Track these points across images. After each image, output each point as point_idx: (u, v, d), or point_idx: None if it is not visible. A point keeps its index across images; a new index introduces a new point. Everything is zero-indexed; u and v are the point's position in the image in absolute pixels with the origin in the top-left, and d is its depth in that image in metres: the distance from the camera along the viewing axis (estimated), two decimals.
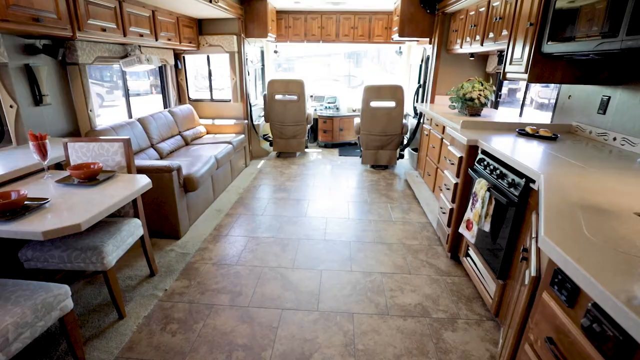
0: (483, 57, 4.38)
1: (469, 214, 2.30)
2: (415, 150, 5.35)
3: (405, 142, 5.58)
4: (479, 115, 3.61)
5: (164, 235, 3.16)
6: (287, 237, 3.25)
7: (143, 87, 9.97)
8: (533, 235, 1.55)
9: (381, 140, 5.16)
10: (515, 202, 1.89)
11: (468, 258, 2.63)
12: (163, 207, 3.06)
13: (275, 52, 6.43)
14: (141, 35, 3.45)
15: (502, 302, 2.08)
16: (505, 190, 2.00)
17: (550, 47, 2.27)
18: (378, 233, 3.36)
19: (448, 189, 2.85)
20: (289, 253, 3.00)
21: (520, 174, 1.93)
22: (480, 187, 2.17)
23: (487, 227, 2.14)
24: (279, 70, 13.84)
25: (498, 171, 2.12)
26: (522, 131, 2.71)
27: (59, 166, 2.53)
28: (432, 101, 4.69)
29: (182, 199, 3.17)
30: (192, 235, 3.25)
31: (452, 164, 2.77)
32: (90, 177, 2.16)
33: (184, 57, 5.06)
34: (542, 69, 2.43)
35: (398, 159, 5.35)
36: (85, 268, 2.04)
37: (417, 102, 5.75)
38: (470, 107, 3.52)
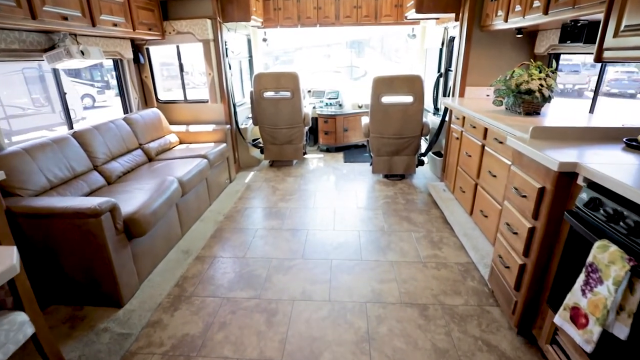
0: (529, 35, 3.34)
1: (578, 299, 1.32)
2: (438, 155, 4.36)
3: (425, 145, 4.59)
4: (539, 113, 2.61)
5: (99, 302, 2.22)
6: (277, 298, 2.29)
7: None
8: None
9: (396, 144, 4.17)
10: None
11: (555, 346, 1.66)
12: (92, 266, 2.12)
13: (264, 40, 5.42)
14: (65, 19, 2.47)
15: None
16: None
17: None
18: (404, 285, 2.40)
19: (515, 232, 1.87)
20: (277, 329, 2.05)
21: None
22: (609, 259, 1.20)
23: (622, 333, 1.17)
24: (276, 63, 12.73)
25: None
26: (635, 143, 1.72)
27: None
28: (461, 94, 3.68)
29: (124, 250, 2.22)
30: (142, 298, 2.31)
31: (523, 196, 1.79)
32: None
33: (147, 49, 4.07)
34: None
35: (417, 166, 4.37)
36: None
37: (437, 95, 4.75)
38: (528, 102, 2.52)
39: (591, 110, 2.76)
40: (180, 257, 2.76)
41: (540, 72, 2.56)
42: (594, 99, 2.72)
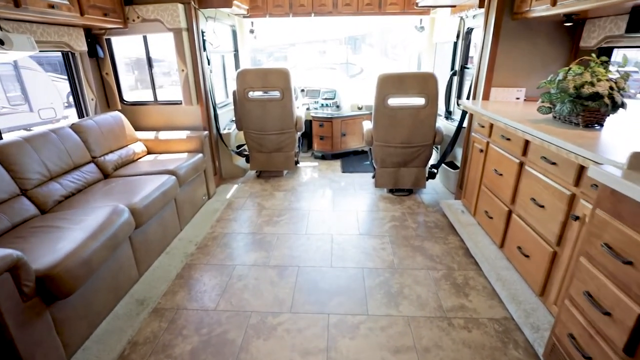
0: (570, 25, 2.72)
1: None
2: (452, 165, 3.75)
3: (438, 155, 3.98)
4: (602, 125, 1.99)
5: None
6: None
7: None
8: None
9: (404, 154, 3.54)
10: None
11: None
12: None
13: (252, 32, 4.75)
14: None
15: None
16: None
17: None
18: (427, 357, 1.78)
19: (606, 313, 1.25)
20: None
21: None
22: None
23: None
24: (269, 59, 12.00)
25: None
26: None
27: None
28: (485, 97, 3.06)
29: (38, 320, 1.57)
30: None
31: (628, 262, 1.17)
32: None
33: (108, 41, 3.40)
34: None
35: (428, 179, 3.75)
36: None
37: (449, 96, 4.13)
38: (591, 111, 1.90)
39: None
40: (132, 310, 2.11)
41: (605, 70, 1.94)
42: None
